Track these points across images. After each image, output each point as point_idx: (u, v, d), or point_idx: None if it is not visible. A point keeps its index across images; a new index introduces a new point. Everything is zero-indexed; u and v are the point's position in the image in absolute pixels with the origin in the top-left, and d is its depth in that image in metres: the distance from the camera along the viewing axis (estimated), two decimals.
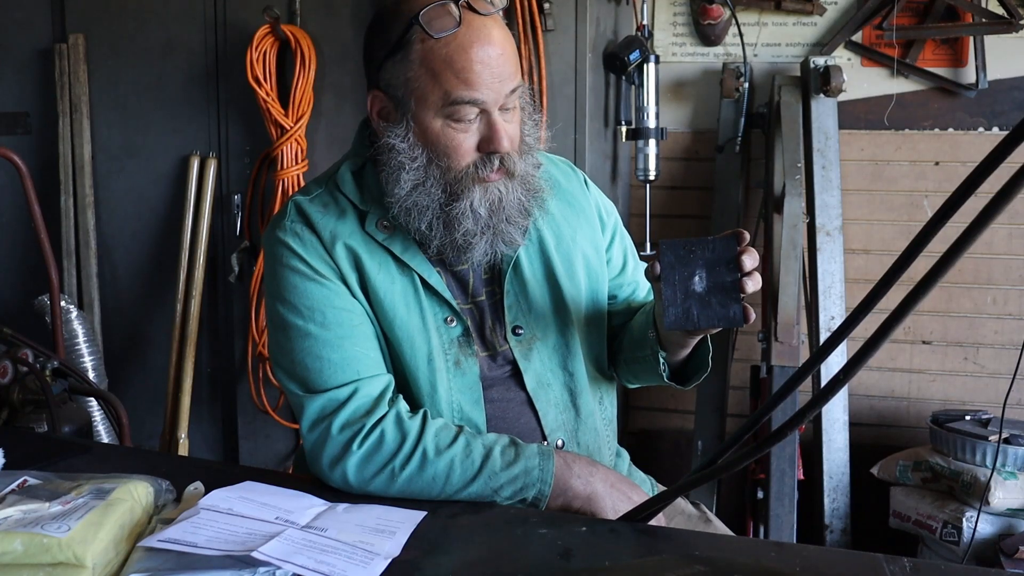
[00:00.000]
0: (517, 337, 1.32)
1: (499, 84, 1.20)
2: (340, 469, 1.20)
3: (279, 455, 2.74)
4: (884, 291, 0.90)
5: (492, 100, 1.20)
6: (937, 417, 2.50)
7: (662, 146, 2.73)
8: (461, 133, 1.21)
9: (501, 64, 1.20)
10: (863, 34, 2.81)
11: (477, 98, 1.19)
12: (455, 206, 1.22)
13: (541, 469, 1.19)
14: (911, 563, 0.99)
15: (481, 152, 1.22)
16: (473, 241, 1.24)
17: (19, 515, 0.98)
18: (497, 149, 1.22)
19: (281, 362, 1.28)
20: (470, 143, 1.22)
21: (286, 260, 1.27)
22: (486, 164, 1.23)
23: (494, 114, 1.21)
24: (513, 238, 1.27)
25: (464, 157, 1.22)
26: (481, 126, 1.22)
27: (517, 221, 1.27)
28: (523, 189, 1.27)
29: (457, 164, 1.22)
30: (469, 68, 1.18)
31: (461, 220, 1.23)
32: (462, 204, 1.22)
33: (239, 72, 2.53)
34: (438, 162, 1.23)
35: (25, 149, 2.76)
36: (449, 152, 1.22)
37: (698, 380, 1.36)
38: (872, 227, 2.87)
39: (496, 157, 1.22)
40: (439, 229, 1.24)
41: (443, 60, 1.18)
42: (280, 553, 0.94)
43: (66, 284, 2.80)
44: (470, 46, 1.18)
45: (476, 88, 1.19)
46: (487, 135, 1.22)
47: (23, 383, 2.08)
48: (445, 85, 1.19)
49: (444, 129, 1.21)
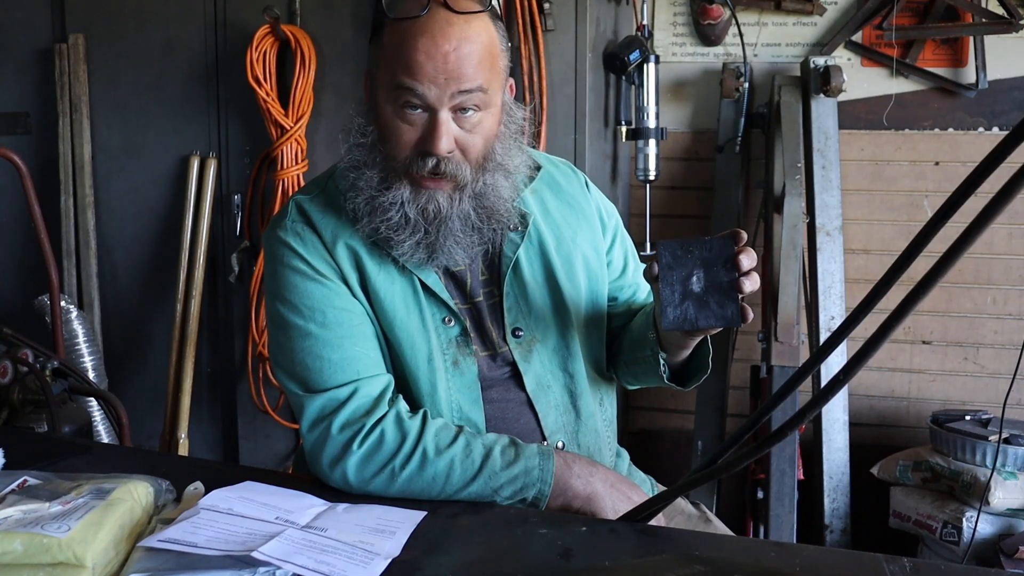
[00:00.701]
0: (517, 339, 1.32)
1: (445, 81, 1.17)
2: (340, 469, 1.20)
3: (279, 455, 2.74)
4: (884, 291, 0.90)
5: (434, 96, 1.18)
6: (937, 417, 2.50)
7: (662, 146, 2.73)
8: (405, 124, 1.21)
9: (454, 62, 1.17)
10: (863, 34, 2.81)
11: (416, 88, 1.18)
12: (385, 195, 1.23)
13: (541, 469, 1.19)
14: (911, 563, 0.99)
15: (419, 149, 1.21)
16: (397, 237, 1.23)
17: (19, 515, 0.98)
18: (430, 149, 1.19)
19: (281, 362, 1.28)
20: (410, 137, 1.21)
21: (287, 259, 1.27)
22: (419, 163, 1.21)
23: (440, 113, 1.19)
24: (453, 256, 1.26)
25: (402, 150, 1.22)
26: (424, 122, 1.21)
27: (461, 238, 1.25)
28: (475, 205, 1.24)
29: (395, 154, 1.22)
30: (413, 58, 1.17)
31: (387, 210, 1.22)
32: (391, 195, 1.22)
33: (239, 72, 2.53)
34: (381, 145, 1.24)
35: (25, 149, 2.76)
36: (390, 139, 1.22)
37: (698, 381, 1.36)
38: (872, 227, 2.87)
39: (431, 159, 1.20)
40: (365, 212, 1.24)
41: (396, 43, 1.19)
42: (280, 553, 0.94)
43: (66, 284, 2.80)
44: (420, 35, 1.17)
45: (416, 78, 1.17)
46: (425, 133, 1.20)
47: (23, 383, 2.08)
48: (392, 68, 1.19)
49: (392, 117, 1.22)
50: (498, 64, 1.23)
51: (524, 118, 1.32)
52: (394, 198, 1.22)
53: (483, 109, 1.22)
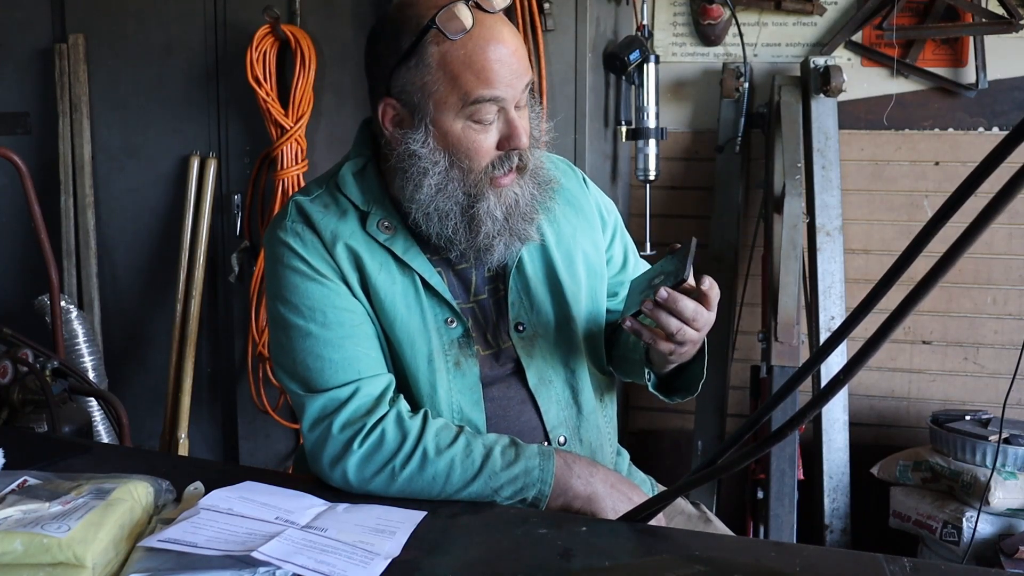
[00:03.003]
0: (519, 334, 1.33)
1: (516, 80, 1.21)
2: (340, 468, 1.20)
3: (279, 455, 2.74)
4: (884, 291, 0.90)
5: (511, 97, 1.21)
6: (937, 417, 2.50)
7: (662, 146, 2.73)
8: (481, 134, 1.22)
9: (516, 61, 1.21)
10: (863, 34, 2.81)
11: (498, 95, 1.20)
12: (477, 207, 1.23)
13: (541, 469, 1.19)
14: (911, 563, 0.99)
15: (501, 150, 1.23)
16: (494, 243, 1.25)
17: (19, 515, 0.98)
18: (518, 146, 1.22)
19: (282, 362, 1.28)
20: (490, 142, 1.23)
21: (287, 260, 1.27)
22: (504, 162, 1.23)
23: (511, 111, 1.22)
24: (528, 234, 1.28)
25: (484, 157, 1.23)
26: (500, 124, 1.22)
27: (532, 217, 1.28)
28: (534, 183, 1.28)
29: (478, 165, 1.23)
30: (488, 67, 1.18)
31: (484, 221, 1.23)
32: (482, 206, 1.23)
33: (239, 72, 2.53)
34: (459, 164, 1.23)
35: (25, 149, 2.76)
36: (471, 153, 1.22)
37: (682, 398, 1.37)
38: (872, 227, 2.87)
39: (515, 154, 1.23)
40: (463, 233, 1.25)
41: (461, 61, 1.19)
42: (280, 553, 0.94)
43: (66, 284, 2.80)
44: (487, 45, 1.19)
45: (495, 86, 1.19)
46: (507, 132, 1.22)
47: (23, 383, 2.08)
48: (465, 86, 1.19)
49: (465, 131, 1.22)
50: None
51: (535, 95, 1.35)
52: (484, 208, 1.23)
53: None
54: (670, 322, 1.18)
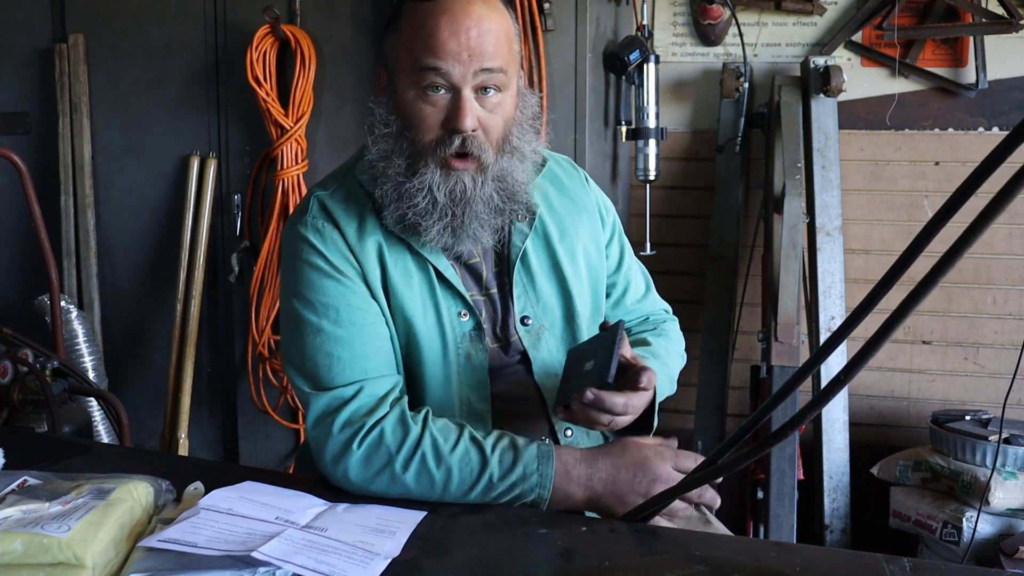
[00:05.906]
0: (526, 327, 1.34)
1: (468, 59, 1.19)
2: (342, 468, 1.20)
3: (279, 455, 2.74)
4: (884, 291, 0.90)
5: (458, 74, 1.20)
6: (937, 417, 2.50)
7: (662, 146, 2.73)
8: (429, 106, 1.22)
9: (476, 39, 1.19)
10: (863, 34, 2.81)
11: (440, 67, 1.19)
12: (412, 181, 1.23)
13: (540, 474, 1.18)
14: (911, 563, 0.99)
15: (444, 129, 1.22)
16: (425, 222, 1.24)
17: (19, 515, 0.98)
18: (457, 127, 1.21)
19: (292, 357, 1.27)
20: (436, 118, 1.22)
21: (305, 255, 1.27)
22: (447, 142, 1.22)
23: (464, 91, 1.21)
24: (479, 235, 1.27)
25: (428, 131, 1.23)
26: (448, 103, 1.22)
27: (485, 219, 1.26)
28: (496, 187, 1.26)
29: (421, 137, 1.23)
30: (437, 36, 1.19)
31: (414, 195, 1.23)
32: (418, 180, 1.23)
33: (239, 72, 2.53)
34: (406, 132, 1.24)
35: (25, 149, 2.76)
36: (415, 123, 1.23)
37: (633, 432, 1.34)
38: (872, 227, 2.86)
39: (457, 136, 1.21)
40: (392, 198, 1.24)
41: (417, 26, 1.20)
42: (280, 553, 0.94)
43: (66, 284, 2.80)
44: (441, 14, 1.19)
45: (440, 56, 1.19)
46: (451, 111, 1.21)
47: (23, 383, 2.08)
48: (415, 52, 1.20)
49: (415, 100, 1.22)
50: (514, 47, 1.26)
51: (537, 104, 1.34)
52: (421, 183, 1.23)
53: (502, 90, 1.24)
54: (600, 417, 1.18)
